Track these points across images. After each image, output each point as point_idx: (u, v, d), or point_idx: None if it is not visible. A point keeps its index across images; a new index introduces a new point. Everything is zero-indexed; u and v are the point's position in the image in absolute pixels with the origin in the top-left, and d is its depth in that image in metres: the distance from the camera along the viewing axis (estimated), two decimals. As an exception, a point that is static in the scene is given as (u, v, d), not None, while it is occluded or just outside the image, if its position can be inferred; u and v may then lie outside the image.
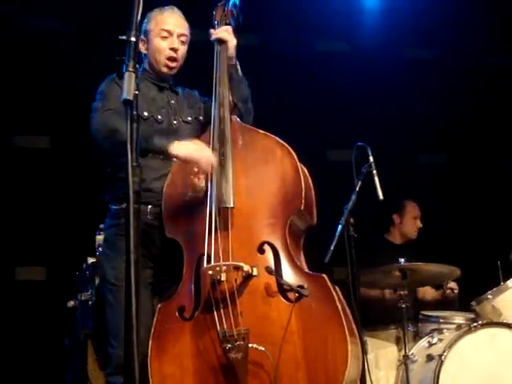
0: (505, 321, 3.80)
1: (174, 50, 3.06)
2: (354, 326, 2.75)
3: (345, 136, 4.78)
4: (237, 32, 3.12)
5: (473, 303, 4.03)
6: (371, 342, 4.02)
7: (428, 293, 4.59)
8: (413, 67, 5.61)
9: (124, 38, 2.10)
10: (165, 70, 3.09)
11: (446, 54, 5.67)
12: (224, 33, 3.06)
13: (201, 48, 3.11)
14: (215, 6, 3.17)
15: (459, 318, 4.03)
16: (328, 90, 5.31)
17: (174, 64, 3.09)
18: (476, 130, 5.67)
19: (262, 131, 2.97)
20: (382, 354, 4.06)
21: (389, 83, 5.40)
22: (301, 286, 2.69)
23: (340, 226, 3.70)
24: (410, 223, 4.65)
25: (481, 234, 5.38)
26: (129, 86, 2.04)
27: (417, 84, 5.51)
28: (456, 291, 4.45)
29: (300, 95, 5.26)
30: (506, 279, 4.02)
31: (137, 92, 2.06)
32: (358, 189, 3.77)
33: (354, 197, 3.74)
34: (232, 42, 3.05)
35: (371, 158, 3.78)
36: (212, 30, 3.11)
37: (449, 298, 4.49)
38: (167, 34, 3.05)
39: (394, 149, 5.35)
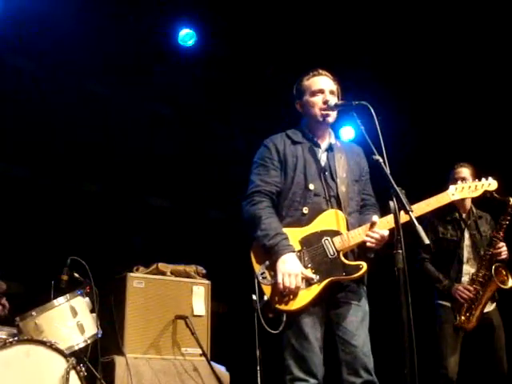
0: (44, 339, 3.82)
1: None
2: None
3: None
4: None
5: (17, 319, 4.00)
6: None
7: None
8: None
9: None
10: None
11: None
12: None
13: None
14: None
15: (0, 333, 3.94)
16: None
17: None
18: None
19: None
20: None
21: None
22: None
23: None
24: None
25: (40, 253, 5.43)
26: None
27: None
28: (6, 306, 4.38)
29: None
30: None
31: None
32: None
33: None
34: None
35: None
36: None
37: (1, 315, 4.38)
38: None
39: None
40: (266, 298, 3.30)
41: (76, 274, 4.28)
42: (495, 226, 4.80)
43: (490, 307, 4.78)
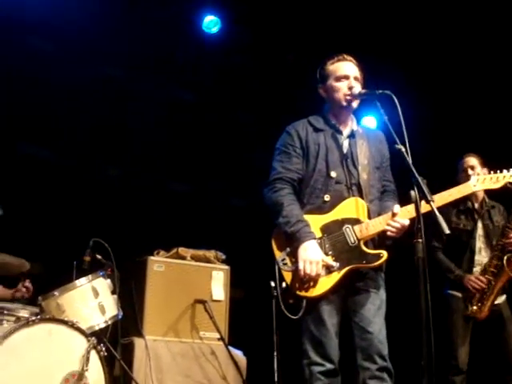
0: (66, 318, 3.88)
1: None
2: None
3: None
4: None
5: (39, 298, 4.06)
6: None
7: None
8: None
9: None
10: None
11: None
12: None
13: None
14: None
15: (23, 312, 3.98)
16: None
17: None
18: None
19: None
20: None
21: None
22: None
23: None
24: None
25: (62, 234, 5.50)
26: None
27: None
28: (30, 288, 4.46)
29: None
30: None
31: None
32: None
33: None
34: None
35: None
36: None
37: (24, 297, 4.46)
38: None
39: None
40: (285, 284, 3.34)
41: (98, 256, 4.33)
42: (507, 216, 4.79)
43: (500, 299, 4.77)
